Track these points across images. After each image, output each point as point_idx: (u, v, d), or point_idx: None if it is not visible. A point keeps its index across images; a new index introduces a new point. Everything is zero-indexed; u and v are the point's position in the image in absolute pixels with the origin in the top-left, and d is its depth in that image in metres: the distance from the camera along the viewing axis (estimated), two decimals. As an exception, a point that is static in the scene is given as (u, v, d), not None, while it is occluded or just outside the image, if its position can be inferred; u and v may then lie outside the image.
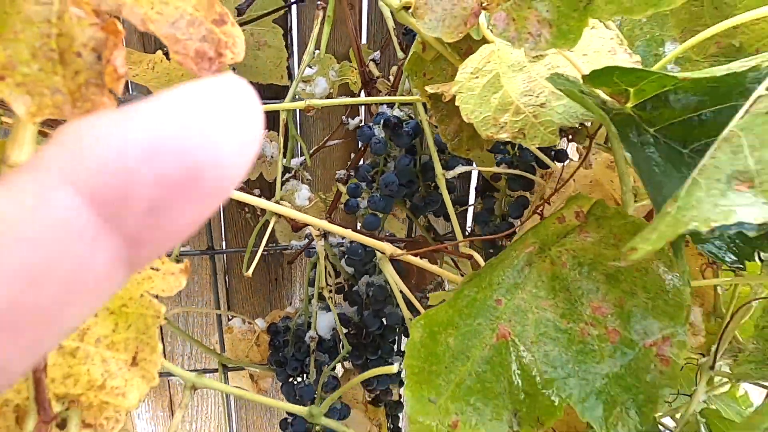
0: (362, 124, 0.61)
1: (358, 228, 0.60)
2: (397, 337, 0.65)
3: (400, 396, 0.70)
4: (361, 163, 0.57)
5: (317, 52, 0.61)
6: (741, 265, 0.26)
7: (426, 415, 0.30)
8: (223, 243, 0.80)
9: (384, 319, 0.61)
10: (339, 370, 0.69)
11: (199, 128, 0.10)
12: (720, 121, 0.24)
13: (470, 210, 0.69)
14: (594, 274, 0.30)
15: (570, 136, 0.32)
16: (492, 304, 0.31)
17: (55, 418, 0.19)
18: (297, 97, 0.61)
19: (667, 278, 0.29)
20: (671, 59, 0.31)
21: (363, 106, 0.59)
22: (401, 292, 0.47)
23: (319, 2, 0.48)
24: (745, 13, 0.29)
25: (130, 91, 0.62)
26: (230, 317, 0.77)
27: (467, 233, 0.64)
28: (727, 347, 0.38)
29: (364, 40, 0.72)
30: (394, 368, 0.34)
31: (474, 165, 0.57)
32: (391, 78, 0.59)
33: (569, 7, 0.26)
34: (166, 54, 0.47)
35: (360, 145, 0.59)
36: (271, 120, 0.68)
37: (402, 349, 0.67)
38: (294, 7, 0.69)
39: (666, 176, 0.25)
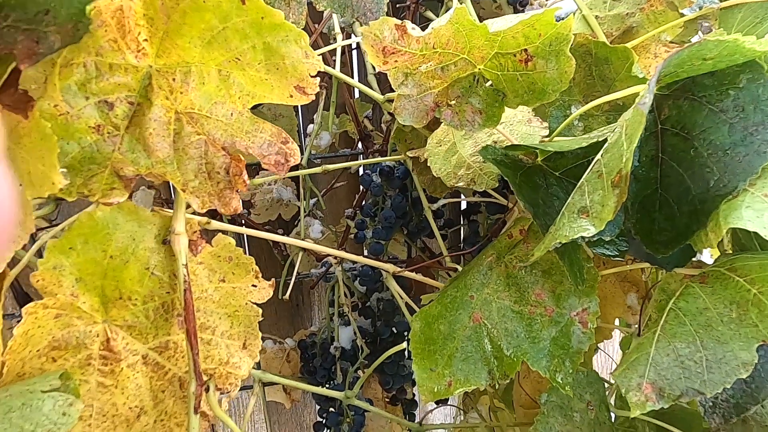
0: (362, 170, 0.76)
1: (365, 254, 0.74)
2: (406, 341, 0.79)
3: (413, 395, 0.82)
4: (365, 201, 0.71)
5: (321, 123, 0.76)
6: (621, 258, 0.40)
7: (429, 380, 0.43)
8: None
9: (394, 328, 0.75)
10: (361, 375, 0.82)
11: None
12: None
13: (463, 229, 0.83)
14: (535, 272, 0.44)
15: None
16: (467, 299, 0.45)
17: (204, 383, 0.33)
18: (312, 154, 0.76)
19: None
20: (576, 117, 0.45)
21: (361, 155, 0.74)
22: (405, 303, 0.60)
23: (322, 83, 0.63)
24: (619, 92, 0.43)
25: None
26: (263, 339, 0.90)
27: (460, 250, 0.77)
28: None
29: (357, 94, 0.87)
30: (404, 345, 0.47)
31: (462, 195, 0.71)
32: (384, 126, 0.73)
33: (493, 100, 0.40)
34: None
35: (361, 187, 0.73)
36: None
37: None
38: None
39: (563, 205, 0.38)
